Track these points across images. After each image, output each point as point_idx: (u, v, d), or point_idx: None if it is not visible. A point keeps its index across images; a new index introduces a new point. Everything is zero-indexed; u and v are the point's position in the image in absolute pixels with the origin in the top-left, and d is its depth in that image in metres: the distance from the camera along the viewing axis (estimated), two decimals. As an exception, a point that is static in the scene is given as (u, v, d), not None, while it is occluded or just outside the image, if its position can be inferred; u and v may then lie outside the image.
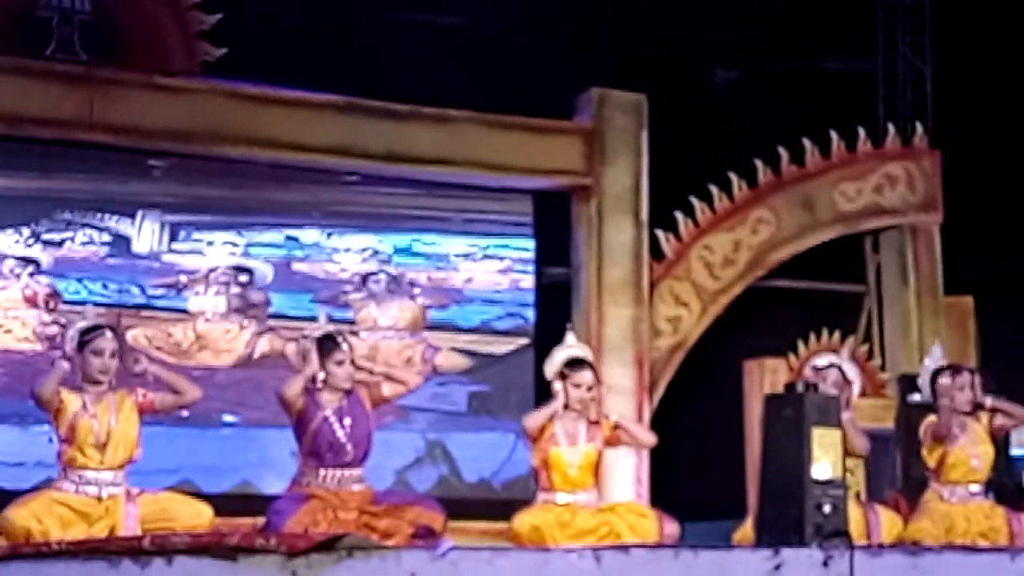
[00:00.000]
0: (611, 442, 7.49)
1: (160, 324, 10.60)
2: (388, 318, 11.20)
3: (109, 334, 6.87)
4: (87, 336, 6.82)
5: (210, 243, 10.83)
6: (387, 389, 7.21)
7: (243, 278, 10.87)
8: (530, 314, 11.60)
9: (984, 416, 8.09)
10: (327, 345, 7.10)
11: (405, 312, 11.30)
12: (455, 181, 11.40)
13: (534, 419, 7.32)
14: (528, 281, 11.65)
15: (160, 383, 6.97)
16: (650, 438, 7.82)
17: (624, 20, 11.65)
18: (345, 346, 7.10)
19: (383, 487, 10.84)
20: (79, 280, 10.49)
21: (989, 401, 8.08)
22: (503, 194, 11.62)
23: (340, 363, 7.06)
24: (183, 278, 10.72)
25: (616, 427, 7.42)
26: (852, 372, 8.07)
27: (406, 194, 11.35)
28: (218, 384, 10.47)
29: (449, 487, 11.13)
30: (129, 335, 10.21)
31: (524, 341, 11.47)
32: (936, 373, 8.15)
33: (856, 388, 8.04)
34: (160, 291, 10.66)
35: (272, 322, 10.87)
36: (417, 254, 11.43)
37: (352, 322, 10.97)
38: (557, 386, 7.37)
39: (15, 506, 6.52)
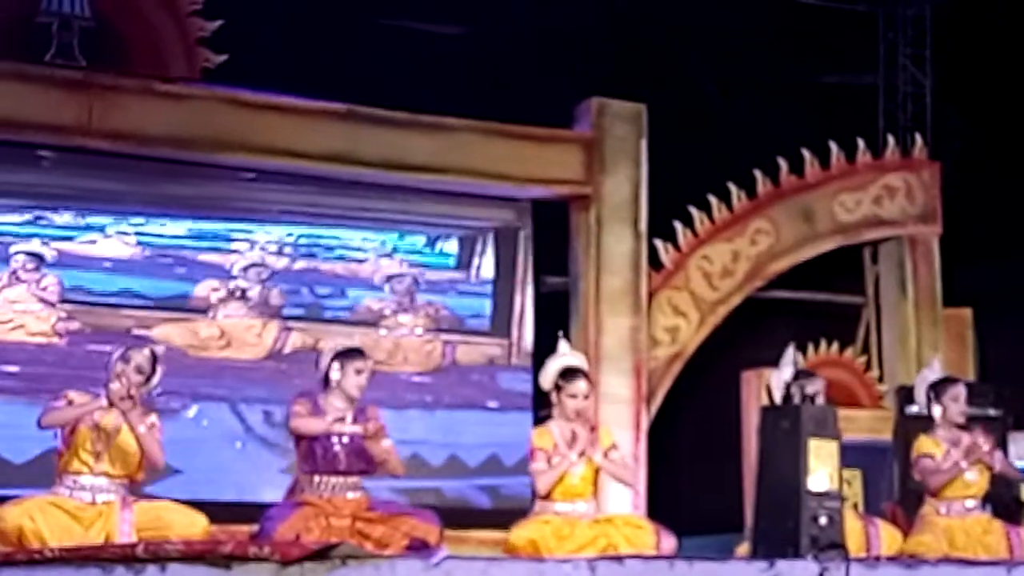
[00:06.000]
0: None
1: (184, 323, 10.76)
2: (409, 317, 11.38)
3: (148, 353, 6.96)
4: (129, 350, 6.94)
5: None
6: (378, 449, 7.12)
7: (262, 275, 11.02)
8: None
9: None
10: (351, 353, 7.12)
11: (424, 312, 11.46)
12: (453, 190, 11.39)
13: (546, 483, 7.18)
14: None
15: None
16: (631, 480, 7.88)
17: (625, 30, 11.64)
18: (370, 362, 7.13)
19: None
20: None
21: (998, 466, 8.07)
22: (502, 203, 11.64)
23: (359, 372, 7.07)
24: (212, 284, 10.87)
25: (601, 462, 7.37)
26: None
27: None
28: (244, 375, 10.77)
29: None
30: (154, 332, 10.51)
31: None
32: (932, 386, 8.16)
33: None
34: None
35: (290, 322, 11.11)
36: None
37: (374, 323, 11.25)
38: (554, 398, 7.37)
39: (10, 505, 6.54)
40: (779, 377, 7.99)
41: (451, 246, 11.70)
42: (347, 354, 7.12)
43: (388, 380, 11.01)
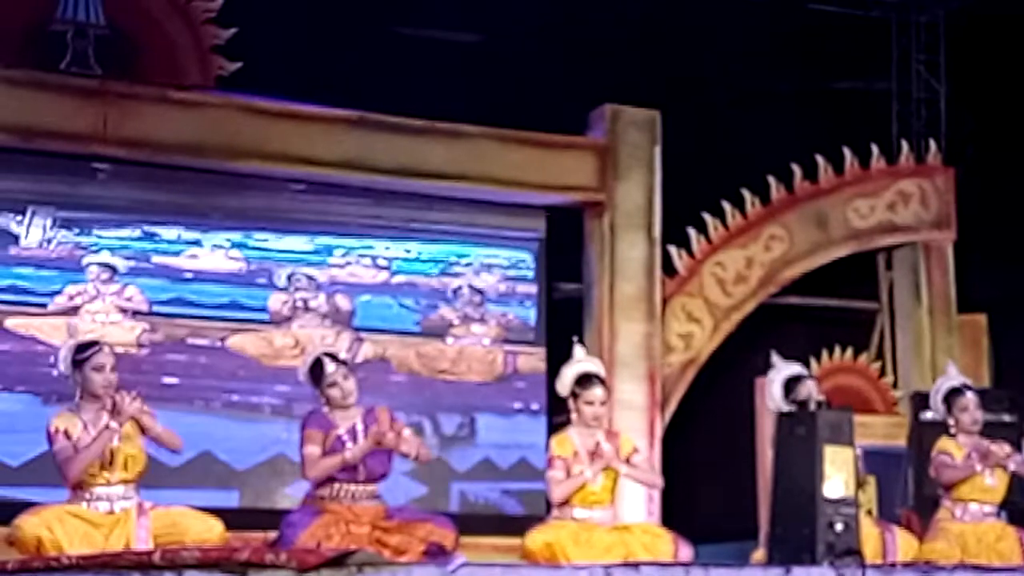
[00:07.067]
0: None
1: (257, 333, 10.89)
2: (479, 327, 11.54)
3: (107, 349, 6.78)
4: (85, 353, 6.73)
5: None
6: (403, 447, 7.12)
7: (301, 282, 11.11)
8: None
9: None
10: (315, 372, 7.10)
11: (497, 322, 11.61)
12: (468, 196, 11.40)
13: (561, 493, 7.18)
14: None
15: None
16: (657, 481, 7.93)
17: (638, 37, 11.64)
18: (331, 367, 7.07)
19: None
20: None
21: (1012, 466, 8.06)
22: (516, 209, 11.65)
23: (332, 385, 7.05)
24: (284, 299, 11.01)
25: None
26: None
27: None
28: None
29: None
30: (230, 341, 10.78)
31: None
32: (944, 398, 8.18)
33: None
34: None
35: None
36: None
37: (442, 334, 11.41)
38: (571, 405, 7.36)
39: (27, 515, 6.49)
40: (773, 398, 8.00)
41: (530, 258, 11.80)
42: (315, 373, 7.09)
43: (484, 387, 11.38)
